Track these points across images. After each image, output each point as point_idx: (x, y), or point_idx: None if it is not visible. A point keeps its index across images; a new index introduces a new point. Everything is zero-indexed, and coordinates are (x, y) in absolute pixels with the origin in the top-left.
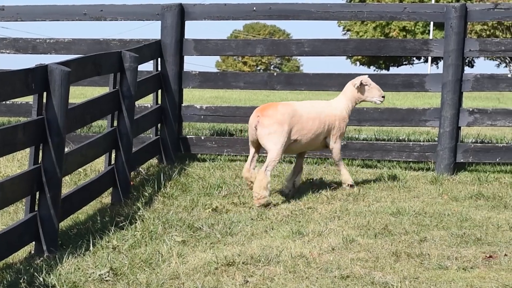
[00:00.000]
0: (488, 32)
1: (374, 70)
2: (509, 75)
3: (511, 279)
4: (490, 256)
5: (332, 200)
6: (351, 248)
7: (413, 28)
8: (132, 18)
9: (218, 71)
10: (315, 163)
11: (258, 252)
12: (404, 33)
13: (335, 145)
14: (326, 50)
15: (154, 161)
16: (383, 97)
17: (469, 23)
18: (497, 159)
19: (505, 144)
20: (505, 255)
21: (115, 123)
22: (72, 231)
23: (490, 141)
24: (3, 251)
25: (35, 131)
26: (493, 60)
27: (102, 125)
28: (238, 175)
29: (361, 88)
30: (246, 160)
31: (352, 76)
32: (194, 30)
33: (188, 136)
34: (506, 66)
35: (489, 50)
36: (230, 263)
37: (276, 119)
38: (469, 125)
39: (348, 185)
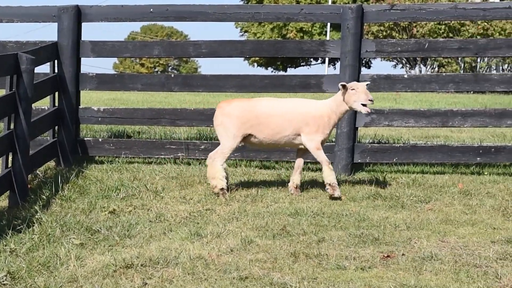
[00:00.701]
0: (384, 33)
1: (272, 71)
2: (405, 76)
3: (409, 278)
4: (388, 256)
5: (230, 202)
6: (249, 249)
7: (310, 29)
8: (28, 20)
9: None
10: None
11: (156, 254)
12: (302, 34)
13: (308, 143)
14: (224, 51)
15: (51, 163)
16: (371, 100)
17: (365, 24)
18: (394, 159)
19: (401, 144)
20: (403, 254)
21: (12, 126)
22: None
23: (387, 142)
24: None
25: None
26: (390, 60)
27: None
28: (136, 177)
29: (346, 92)
30: (144, 162)
31: (249, 77)
32: (93, 31)
33: (85, 139)
34: (402, 67)
35: (386, 51)
36: (129, 266)
37: (225, 112)
38: (366, 125)
39: (328, 184)
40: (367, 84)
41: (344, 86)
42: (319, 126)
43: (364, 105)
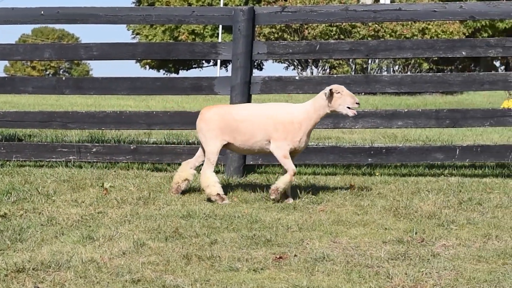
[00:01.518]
0: (276, 35)
1: (164, 74)
2: (297, 78)
3: (301, 279)
4: (280, 257)
5: (122, 204)
6: (142, 252)
7: (202, 31)
8: None
9: (6, 75)
10: (105, 167)
11: (48, 258)
12: (193, 37)
13: (275, 150)
14: (115, 54)
15: None
16: (357, 103)
17: (257, 26)
18: None
19: None
20: (295, 255)
21: None
22: None
23: None
24: None
25: None
26: (282, 62)
27: None
28: (28, 181)
29: (332, 96)
30: (35, 166)
31: (140, 79)
32: None
33: None
34: (294, 69)
35: (277, 53)
36: (20, 270)
37: (203, 119)
38: None
39: (276, 188)
40: None
41: (330, 91)
42: (286, 132)
43: (348, 107)
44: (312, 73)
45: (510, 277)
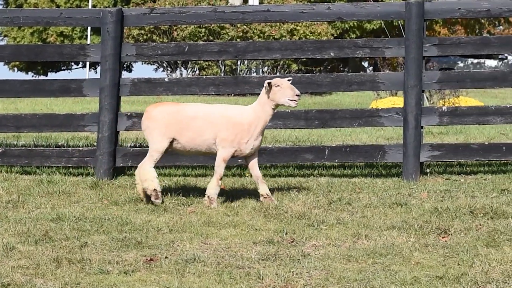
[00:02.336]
0: (145, 37)
1: (32, 76)
2: (166, 79)
3: (172, 281)
4: (151, 259)
5: None
6: (11, 255)
7: (71, 33)
8: None
9: None
10: None
11: None
12: (62, 38)
13: (220, 150)
14: None
15: None
16: (298, 95)
17: (126, 27)
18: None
19: None
20: (166, 257)
21: None
22: None
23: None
24: None
25: None
26: (151, 64)
27: None
28: None
29: (271, 90)
30: None
31: (8, 82)
32: None
33: None
34: (164, 70)
35: (146, 55)
36: None
37: (148, 116)
38: (128, 129)
39: (207, 196)
40: (288, 80)
41: (269, 84)
42: (230, 134)
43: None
44: (181, 74)
45: (380, 276)
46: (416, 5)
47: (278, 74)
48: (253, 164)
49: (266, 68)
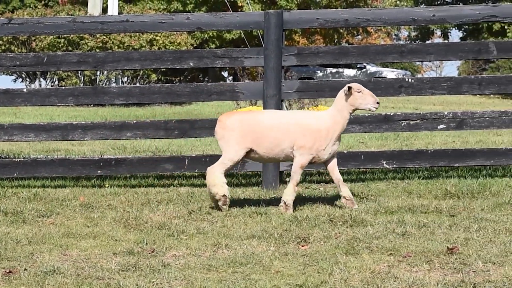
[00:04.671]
0: (4, 47)
1: None
2: (25, 90)
3: None
4: (10, 271)
5: None
6: None
7: None
8: None
9: None
10: None
11: None
12: None
13: (297, 158)
14: None
15: None
16: (378, 103)
17: None
18: (15, 174)
19: (22, 159)
20: (25, 269)
21: None
22: None
23: (7, 156)
24: None
25: None
26: (10, 75)
27: None
28: None
29: (352, 95)
30: None
31: None
32: None
33: None
34: (22, 81)
35: (4, 65)
36: None
37: (224, 125)
38: None
39: (283, 201)
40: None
41: (349, 88)
42: (310, 140)
43: None
44: (40, 85)
45: (240, 285)
46: (275, 15)
47: (138, 84)
48: (333, 167)
49: (125, 79)
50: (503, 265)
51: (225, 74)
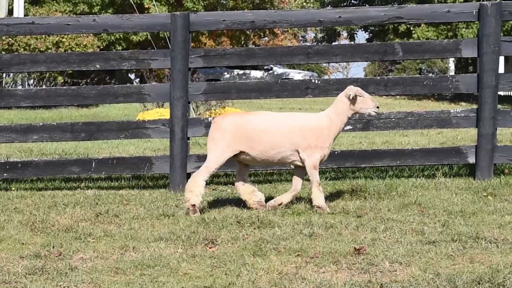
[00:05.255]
0: None
1: None
2: None
3: None
4: None
5: None
6: None
7: None
8: None
9: None
10: None
11: None
12: None
13: (307, 158)
14: None
15: None
16: (378, 107)
17: None
18: None
19: None
20: None
21: None
22: None
23: None
24: None
25: None
26: None
27: None
28: None
29: (354, 99)
30: None
31: None
32: None
33: None
34: None
35: None
36: None
37: (217, 126)
38: None
39: (316, 206)
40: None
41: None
42: (315, 140)
43: None
44: None
45: (148, 287)
46: (181, 16)
47: (44, 86)
48: (298, 173)
49: (32, 81)
50: (410, 265)
51: (132, 76)
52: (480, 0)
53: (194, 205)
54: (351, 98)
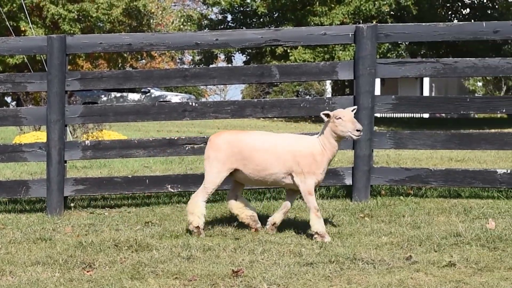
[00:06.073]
0: None
1: None
2: None
3: None
4: None
5: None
6: None
7: None
8: None
9: None
10: None
11: None
12: None
13: (300, 184)
14: None
15: None
16: (358, 130)
17: None
18: None
19: None
20: None
21: None
22: None
23: None
24: None
25: None
26: None
27: None
28: None
29: (332, 122)
30: None
31: None
32: None
33: None
34: None
35: None
36: None
37: (212, 145)
38: None
39: (315, 232)
40: (353, 110)
41: (327, 115)
42: (306, 164)
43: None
44: None
45: None
46: (58, 39)
47: None
48: (291, 193)
49: None
50: (288, 286)
51: (9, 99)
52: (356, 22)
53: (198, 227)
54: (325, 120)
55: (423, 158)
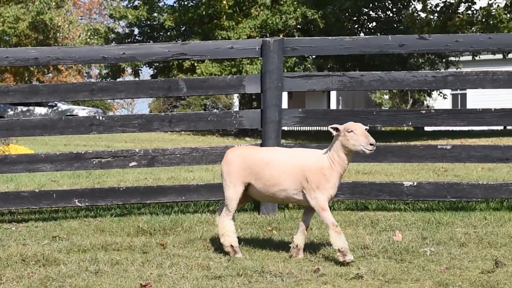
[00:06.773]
0: None
1: None
2: None
3: None
4: None
5: None
6: None
7: None
8: None
9: None
10: None
11: None
12: None
13: (312, 201)
14: None
15: None
16: (372, 144)
17: None
18: None
19: None
20: None
21: None
22: None
23: None
24: None
25: None
26: None
27: None
28: None
29: (343, 136)
30: None
31: None
32: None
33: None
34: None
35: None
36: None
37: (226, 160)
38: None
39: (337, 250)
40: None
41: (336, 129)
42: (316, 180)
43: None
44: None
45: None
46: None
47: None
48: (309, 212)
49: None
50: None
51: None
52: (263, 36)
53: (232, 245)
54: (333, 134)
55: None
